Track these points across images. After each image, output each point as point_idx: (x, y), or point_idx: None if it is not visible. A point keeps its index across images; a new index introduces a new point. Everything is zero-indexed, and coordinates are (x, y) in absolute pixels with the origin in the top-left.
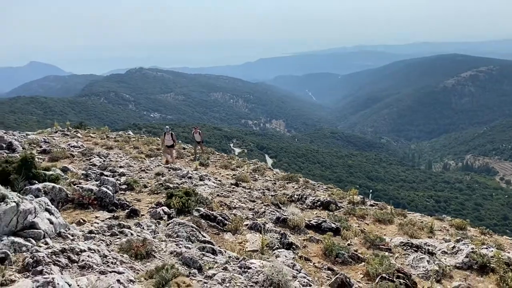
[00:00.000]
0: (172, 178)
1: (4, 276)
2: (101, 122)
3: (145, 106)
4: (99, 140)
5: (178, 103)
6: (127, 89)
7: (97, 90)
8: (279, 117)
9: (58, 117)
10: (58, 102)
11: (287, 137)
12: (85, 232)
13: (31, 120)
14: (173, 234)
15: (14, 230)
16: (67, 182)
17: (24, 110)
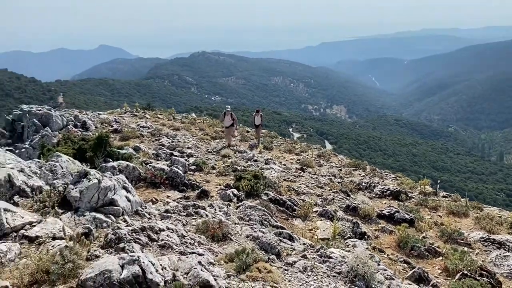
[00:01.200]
0: (238, 160)
1: (90, 251)
2: (164, 104)
3: (207, 90)
4: (166, 121)
5: (239, 87)
6: (190, 73)
7: (161, 73)
8: (340, 102)
9: (124, 99)
10: (124, 84)
11: (348, 123)
12: (161, 211)
13: (99, 101)
14: (245, 217)
15: (95, 206)
16: (139, 161)
17: (93, 91)
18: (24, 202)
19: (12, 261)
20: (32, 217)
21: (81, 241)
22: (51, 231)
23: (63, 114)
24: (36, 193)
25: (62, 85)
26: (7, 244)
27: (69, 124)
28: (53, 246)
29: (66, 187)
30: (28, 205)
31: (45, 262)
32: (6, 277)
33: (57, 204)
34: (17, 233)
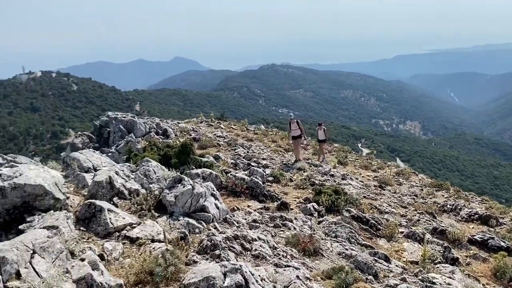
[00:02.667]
0: (314, 174)
1: (188, 256)
2: (233, 115)
3: (274, 102)
4: (240, 132)
5: (307, 100)
6: (258, 85)
7: (231, 85)
8: (415, 118)
9: (196, 109)
10: (196, 95)
11: (422, 141)
12: (249, 221)
13: (172, 110)
14: (330, 233)
15: (187, 211)
16: (220, 169)
17: (167, 101)
18: (122, 203)
19: (117, 260)
20: (131, 218)
21: (179, 245)
22: (150, 233)
23: (146, 122)
24: (133, 195)
25: (139, 94)
26: (112, 243)
27: (151, 131)
28: (154, 249)
29: (162, 192)
30: (126, 207)
31: (148, 263)
32: (113, 275)
33: (153, 207)
34: (119, 233)
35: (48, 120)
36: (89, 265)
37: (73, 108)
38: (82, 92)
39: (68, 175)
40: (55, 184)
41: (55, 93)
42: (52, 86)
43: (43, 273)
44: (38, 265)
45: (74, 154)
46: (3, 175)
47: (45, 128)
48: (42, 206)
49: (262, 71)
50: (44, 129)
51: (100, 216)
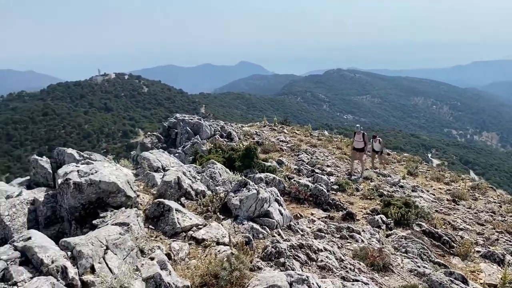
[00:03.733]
0: (382, 184)
1: (252, 261)
2: (295, 120)
3: (339, 107)
4: (303, 137)
5: (374, 106)
6: (323, 90)
7: (295, 89)
8: (492, 129)
9: (258, 113)
10: (260, 99)
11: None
12: (313, 229)
13: (235, 114)
14: (400, 248)
15: (252, 216)
16: (283, 174)
17: (231, 105)
18: (189, 204)
19: (183, 260)
20: (198, 219)
21: (244, 250)
22: (215, 235)
23: (211, 124)
24: (200, 197)
25: (204, 97)
26: (178, 243)
27: (216, 134)
28: (219, 251)
29: (227, 194)
30: (192, 207)
31: (214, 266)
32: (179, 275)
33: (218, 209)
34: (186, 233)
35: (119, 119)
36: (158, 264)
37: (143, 109)
38: (152, 94)
39: (138, 174)
40: (127, 182)
41: (127, 94)
42: (125, 87)
43: (115, 269)
44: (111, 261)
45: (145, 154)
46: (80, 171)
47: (117, 127)
48: (114, 202)
49: (327, 76)
50: (115, 128)
51: (168, 216)
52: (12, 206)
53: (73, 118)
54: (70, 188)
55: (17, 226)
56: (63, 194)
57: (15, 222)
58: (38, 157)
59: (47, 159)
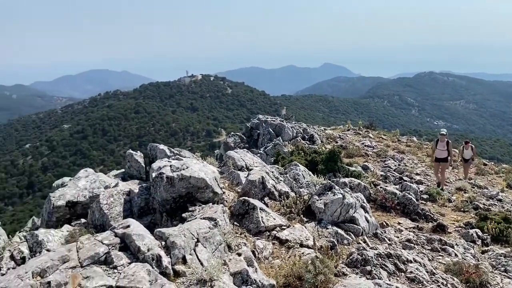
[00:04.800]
0: (477, 196)
1: (337, 267)
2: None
3: (429, 113)
4: (390, 142)
5: (468, 112)
6: (412, 93)
7: (381, 92)
8: None
9: (341, 116)
10: (343, 102)
11: None
12: (401, 239)
13: (317, 116)
14: (499, 266)
15: (336, 220)
16: (368, 180)
17: (313, 107)
18: (272, 204)
19: (267, 259)
20: (281, 220)
21: (328, 254)
22: (298, 237)
23: (294, 126)
24: (283, 197)
25: (286, 99)
26: (262, 241)
27: (298, 136)
28: (304, 254)
29: (311, 197)
30: (276, 208)
31: (298, 268)
32: (263, 274)
33: (301, 211)
34: (269, 232)
35: (204, 119)
36: (245, 260)
37: (226, 110)
38: (235, 95)
39: (223, 172)
40: (215, 179)
41: (212, 95)
42: (210, 88)
43: (204, 261)
44: (201, 253)
45: (230, 153)
46: (172, 166)
47: (201, 127)
48: (202, 198)
49: (417, 79)
50: (200, 127)
51: (252, 214)
52: (110, 196)
53: (162, 117)
54: (163, 182)
55: (114, 215)
56: (156, 187)
57: (112, 211)
58: (133, 152)
59: (141, 154)
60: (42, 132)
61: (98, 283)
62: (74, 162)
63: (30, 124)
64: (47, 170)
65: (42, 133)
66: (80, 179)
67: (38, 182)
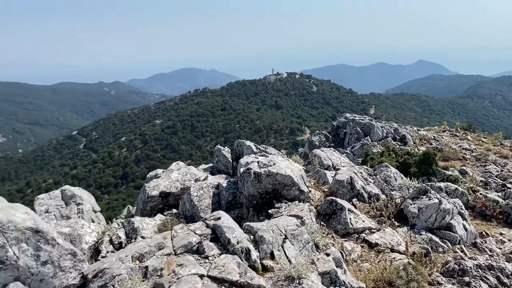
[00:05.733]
0: None
1: (431, 275)
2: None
3: None
4: (491, 146)
5: None
6: None
7: (481, 92)
8: None
9: (435, 117)
10: (438, 102)
11: None
12: (505, 251)
13: (409, 116)
14: None
15: (431, 227)
16: (466, 186)
17: (404, 106)
18: (361, 206)
19: (355, 262)
20: (370, 223)
21: (422, 261)
22: (389, 241)
23: (384, 126)
24: (373, 200)
25: (375, 98)
26: (350, 243)
27: (388, 136)
28: (395, 259)
29: (404, 201)
30: (365, 210)
31: (389, 273)
32: (351, 276)
33: (393, 215)
34: (358, 235)
35: (288, 117)
36: (333, 261)
37: (311, 108)
38: (321, 93)
39: (308, 170)
40: (301, 177)
41: (297, 93)
42: (295, 86)
43: (292, 258)
44: (289, 250)
45: (316, 151)
46: (260, 162)
47: (285, 125)
48: (288, 195)
49: None
50: (284, 125)
51: (340, 215)
52: (200, 189)
53: (247, 114)
54: (251, 177)
55: (203, 207)
56: (244, 182)
57: (202, 203)
58: (221, 147)
59: (228, 149)
60: (137, 127)
61: (191, 271)
62: (164, 156)
63: (126, 119)
64: (139, 162)
65: (136, 127)
66: (173, 172)
67: (131, 173)
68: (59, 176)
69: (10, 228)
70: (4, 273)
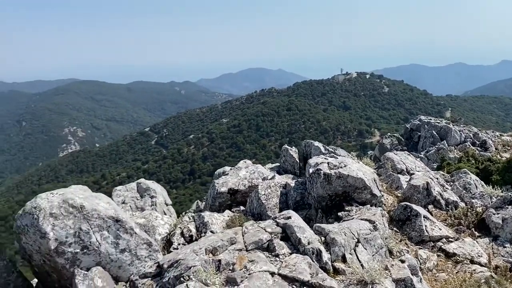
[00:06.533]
0: None
1: None
2: None
3: None
4: None
5: None
6: None
7: None
8: None
9: None
10: None
11: None
12: None
13: (489, 120)
14: None
15: None
16: None
17: (484, 109)
18: (437, 213)
19: (430, 271)
20: (448, 231)
21: (506, 276)
22: (469, 252)
23: (462, 130)
24: (451, 207)
25: (452, 100)
26: (426, 251)
27: (467, 140)
28: (475, 271)
29: (485, 210)
30: (441, 217)
31: (468, 285)
32: (428, 285)
33: (473, 225)
34: (434, 243)
35: (356, 118)
36: (408, 268)
37: (381, 109)
38: (392, 95)
39: (380, 174)
40: (374, 180)
41: (366, 93)
42: (365, 87)
43: (364, 263)
44: (361, 254)
45: (389, 154)
46: (330, 163)
47: (353, 126)
48: (359, 198)
49: None
50: (351, 126)
51: (415, 221)
52: (267, 187)
53: (313, 114)
54: (320, 178)
55: (270, 205)
56: (313, 183)
57: (269, 202)
58: (288, 147)
59: (296, 150)
60: (204, 125)
61: (262, 267)
62: (229, 154)
63: (194, 117)
64: (206, 160)
65: (204, 126)
66: (241, 169)
67: (198, 169)
68: (131, 170)
69: (94, 216)
70: (88, 258)
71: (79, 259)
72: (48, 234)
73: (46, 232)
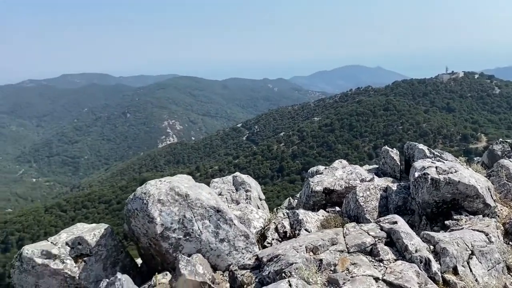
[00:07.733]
0: None
1: None
2: None
3: None
4: None
5: None
6: None
7: None
8: None
9: None
10: None
11: None
12: None
13: None
14: None
15: None
16: None
17: None
18: None
19: None
20: None
21: None
22: None
23: None
24: None
25: None
26: None
27: None
28: None
29: None
30: None
31: None
32: None
33: None
34: None
35: (461, 122)
36: None
37: (490, 113)
38: (504, 96)
39: (493, 182)
40: (488, 189)
41: (474, 95)
42: (472, 87)
43: (479, 278)
44: (475, 267)
45: (503, 162)
46: (438, 168)
47: (456, 130)
48: (469, 207)
49: None
50: (455, 130)
51: None
52: (366, 189)
53: (412, 116)
54: (427, 183)
55: (369, 208)
56: (418, 187)
57: (368, 204)
58: (389, 148)
59: (397, 152)
60: (295, 123)
61: (365, 271)
62: (319, 153)
63: (286, 115)
64: (295, 158)
65: (295, 124)
66: (337, 169)
67: (287, 167)
68: (223, 163)
69: (197, 205)
70: (190, 244)
71: (181, 245)
72: (155, 219)
73: (154, 217)
